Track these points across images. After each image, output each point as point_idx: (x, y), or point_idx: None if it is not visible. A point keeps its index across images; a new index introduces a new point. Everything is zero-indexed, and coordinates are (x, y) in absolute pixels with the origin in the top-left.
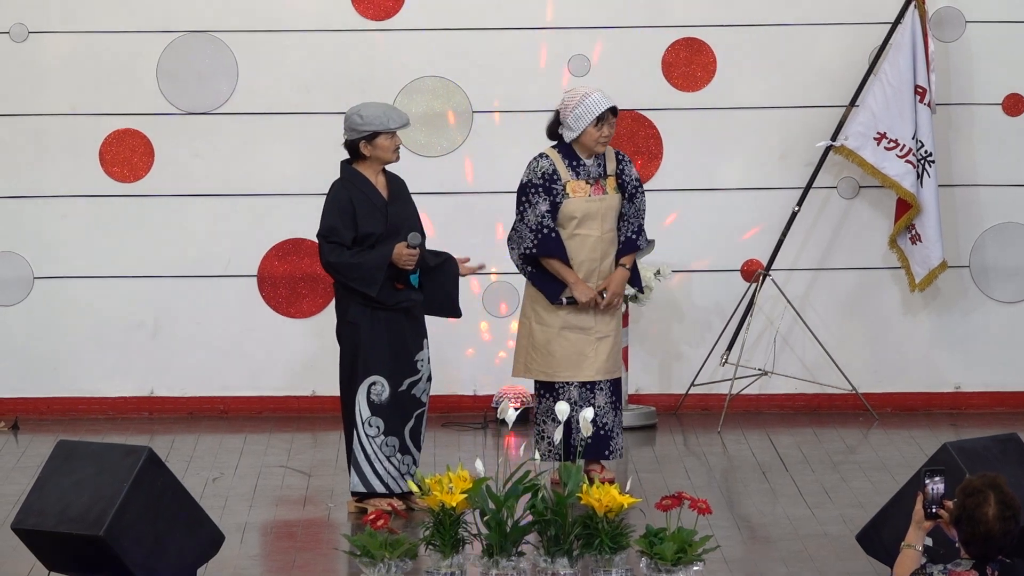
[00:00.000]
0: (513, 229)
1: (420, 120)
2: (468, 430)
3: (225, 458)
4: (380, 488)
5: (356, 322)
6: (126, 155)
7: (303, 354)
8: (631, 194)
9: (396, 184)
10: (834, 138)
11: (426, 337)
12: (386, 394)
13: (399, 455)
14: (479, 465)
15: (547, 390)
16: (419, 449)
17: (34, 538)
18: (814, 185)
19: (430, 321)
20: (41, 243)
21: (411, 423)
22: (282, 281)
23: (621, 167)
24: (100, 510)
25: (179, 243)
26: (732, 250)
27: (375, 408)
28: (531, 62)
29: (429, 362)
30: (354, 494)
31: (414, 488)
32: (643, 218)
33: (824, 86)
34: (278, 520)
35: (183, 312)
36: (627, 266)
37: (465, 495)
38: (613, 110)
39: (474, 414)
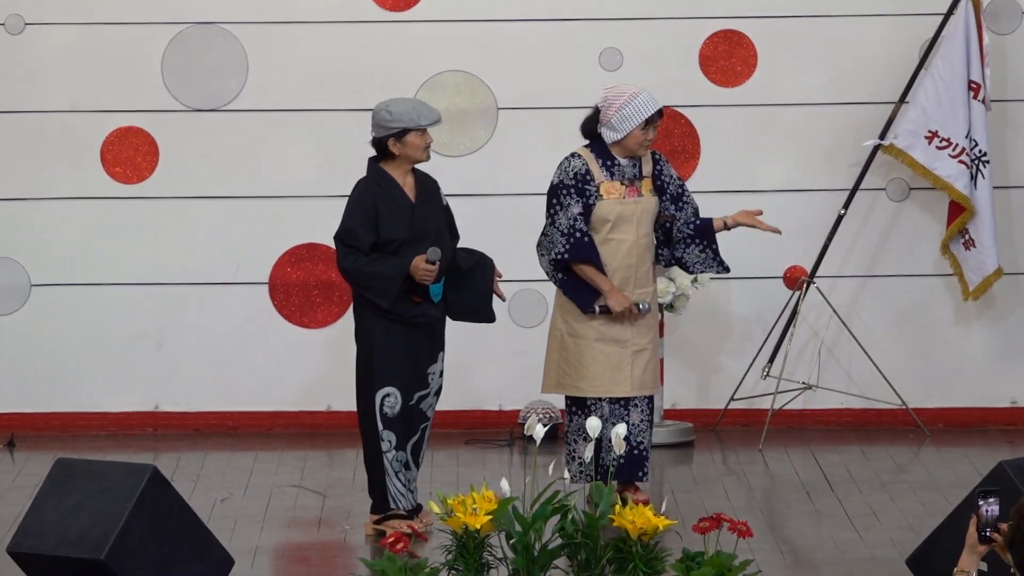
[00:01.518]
0: (543, 234)
1: (442, 117)
2: (493, 447)
3: (234, 477)
4: (393, 505)
5: (371, 329)
6: (129, 155)
7: (317, 367)
8: (676, 195)
9: (426, 186)
10: (882, 137)
11: (443, 350)
12: (398, 407)
13: (405, 471)
14: (505, 484)
15: (579, 407)
16: (418, 466)
17: (31, 562)
18: (861, 187)
19: (453, 331)
20: (39, 248)
21: (415, 437)
22: (295, 289)
23: (658, 168)
24: (101, 533)
25: (185, 248)
26: (774, 256)
27: (387, 421)
28: (560, 55)
29: (441, 376)
30: (375, 513)
31: (435, 508)
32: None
33: (872, 81)
34: (291, 543)
35: (190, 322)
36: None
37: (490, 516)
38: (661, 112)
39: (499, 431)
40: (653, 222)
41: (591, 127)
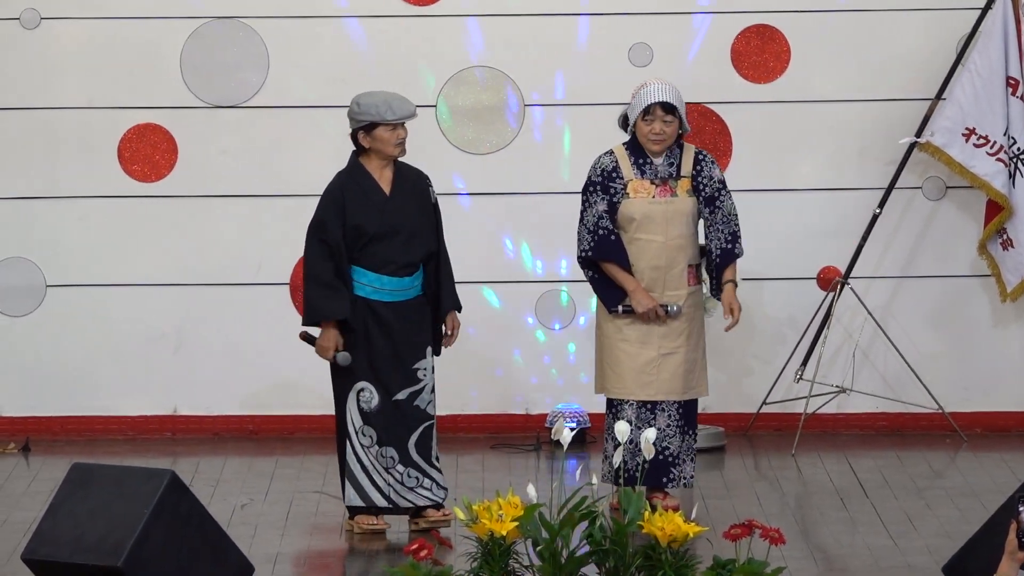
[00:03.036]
0: (577, 231)
1: (468, 114)
2: (519, 452)
3: (255, 482)
4: (382, 502)
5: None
6: (147, 152)
7: None
8: (710, 196)
9: (407, 179)
10: (919, 134)
11: (430, 345)
12: (375, 402)
13: (400, 467)
14: (531, 490)
15: (609, 407)
16: (436, 467)
17: (47, 569)
18: (897, 185)
19: (478, 332)
20: (54, 248)
21: (415, 437)
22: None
23: (698, 168)
24: (118, 539)
25: (204, 248)
26: (807, 256)
27: (365, 416)
28: (588, 51)
29: (433, 372)
30: (350, 509)
31: (460, 515)
32: (735, 224)
33: (908, 77)
34: (312, 550)
35: (209, 323)
36: (736, 281)
37: (516, 523)
38: (665, 105)
39: (526, 435)
40: (691, 223)
41: (624, 121)
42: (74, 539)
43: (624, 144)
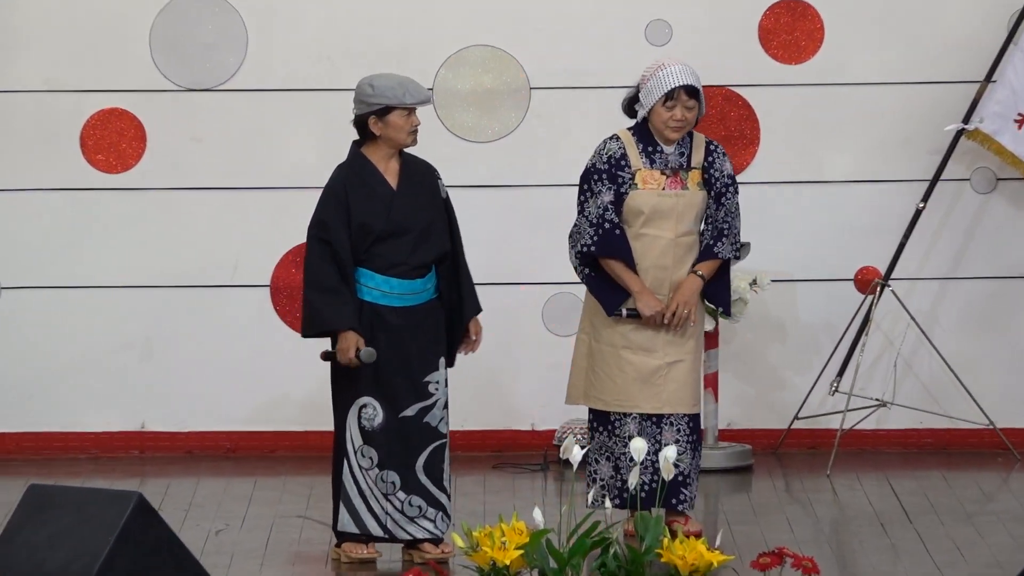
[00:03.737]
0: (574, 224)
1: (467, 98)
2: (525, 472)
3: (231, 506)
4: (377, 531)
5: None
6: (112, 140)
7: (324, 381)
8: (718, 192)
9: (415, 172)
10: (966, 121)
11: (443, 356)
12: (379, 419)
13: (401, 494)
14: (538, 515)
15: (601, 422)
16: (445, 492)
17: None
18: (942, 177)
19: (483, 339)
20: (9, 246)
21: (424, 457)
22: (300, 292)
23: (710, 159)
24: (80, 569)
25: (176, 246)
26: (844, 256)
27: (367, 435)
28: (601, 28)
29: (446, 385)
30: (338, 535)
31: (459, 542)
32: (729, 223)
33: (954, 58)
34: None
35: (181, 330)
36: (702, 274)
37: (521, 551)
38: (689, 89)
39: (532, 453)
40: (701, 219)
41: (631, 105)
42: (32, 568)
43: (630, 129)
